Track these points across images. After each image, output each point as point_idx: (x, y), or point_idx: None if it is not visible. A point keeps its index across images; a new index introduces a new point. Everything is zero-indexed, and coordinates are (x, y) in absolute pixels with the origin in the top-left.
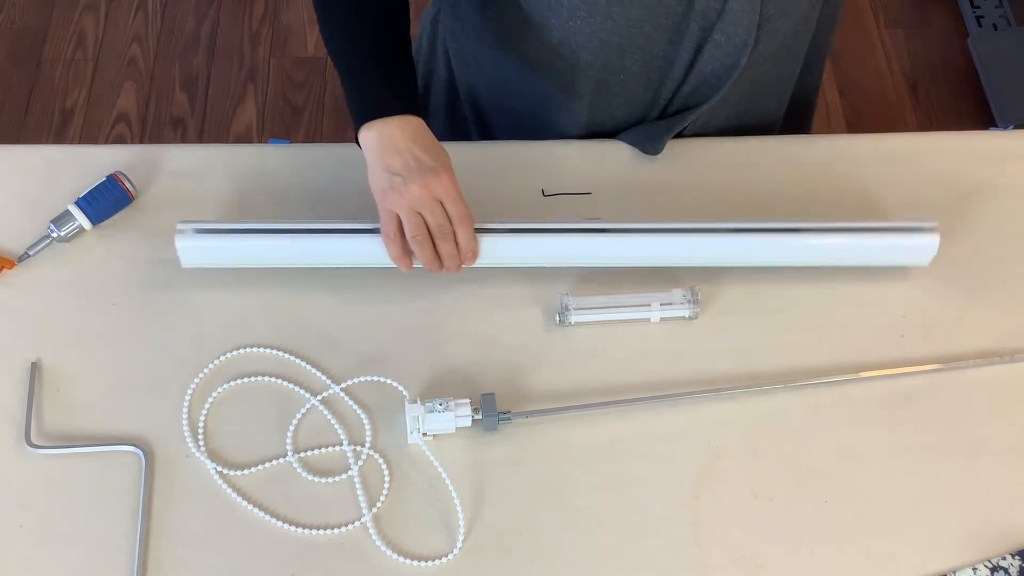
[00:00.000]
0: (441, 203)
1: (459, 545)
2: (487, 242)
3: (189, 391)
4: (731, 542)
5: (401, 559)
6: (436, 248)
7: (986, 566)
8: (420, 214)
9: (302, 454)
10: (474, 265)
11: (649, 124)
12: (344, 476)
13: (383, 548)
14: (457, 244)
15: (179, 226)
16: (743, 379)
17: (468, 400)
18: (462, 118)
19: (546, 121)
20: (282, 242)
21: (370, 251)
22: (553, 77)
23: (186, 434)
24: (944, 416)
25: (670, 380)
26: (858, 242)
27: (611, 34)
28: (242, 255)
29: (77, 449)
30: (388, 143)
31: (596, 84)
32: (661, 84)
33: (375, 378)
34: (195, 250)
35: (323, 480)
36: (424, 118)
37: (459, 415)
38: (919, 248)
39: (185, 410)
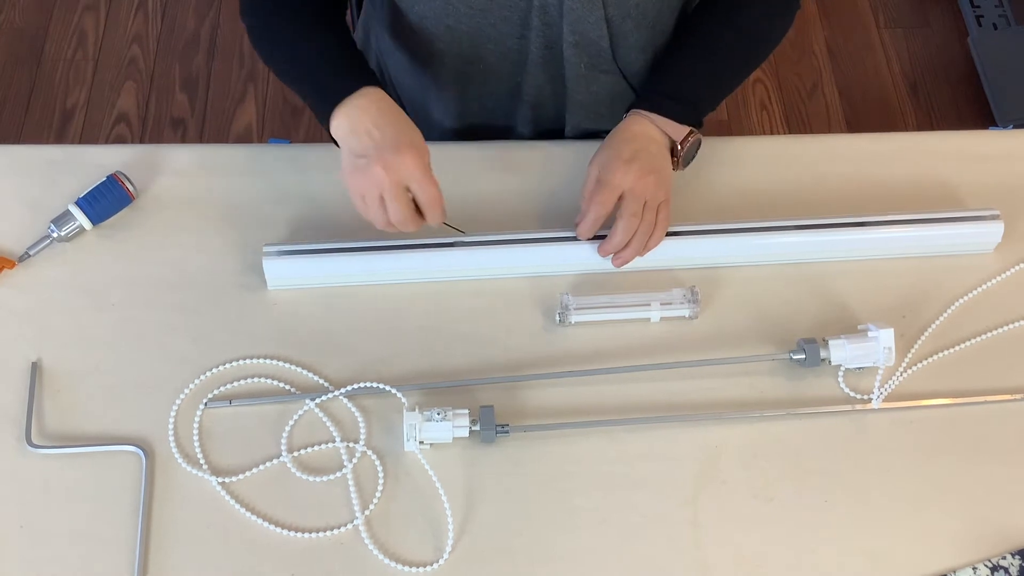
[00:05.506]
0: (407, 187)
1: (444, 558)
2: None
3: (186, 391)
4: (731, 542)
5: (391, 563)
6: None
7: (986, 566)
8: (384, 204)
9: (295, 453)
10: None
11: None
12: (338, 474)
13: (374, 551)
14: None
15: (265, 249)
16: (743, 378)
17: (467, 411)
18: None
19: (427, 112)
20: (371, 260)
21: (459, 264)
22: (420, 65)
23: (171, 441)
24: (943, 416)
25: (670, 379)
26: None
27: (457, 21)
28: (329, 275)
29: (77, 449)
30: (351, 126)
31: (457, 74)
32: (521, 79)
33: (374, 384)
34: (281, 273)
35: (319, 479)
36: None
37: (457, 425)
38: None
39: (174, 412)
